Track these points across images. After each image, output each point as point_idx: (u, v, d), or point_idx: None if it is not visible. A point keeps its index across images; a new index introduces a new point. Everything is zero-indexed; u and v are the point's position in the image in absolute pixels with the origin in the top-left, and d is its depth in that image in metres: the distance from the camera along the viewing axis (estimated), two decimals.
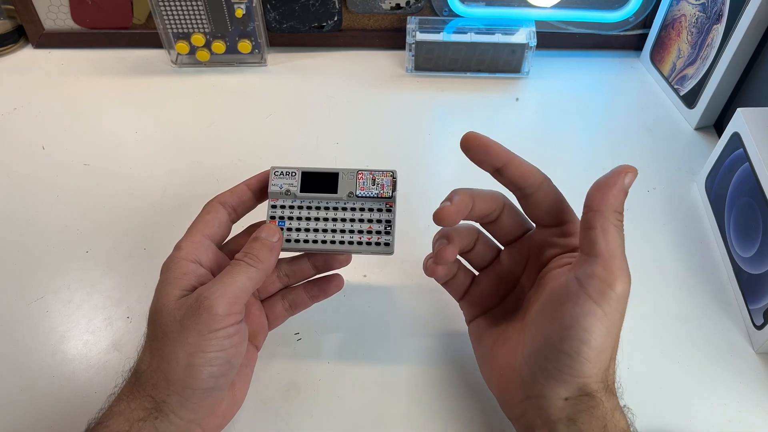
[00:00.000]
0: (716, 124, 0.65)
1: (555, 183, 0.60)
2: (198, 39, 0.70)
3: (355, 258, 0.49)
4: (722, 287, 0.48)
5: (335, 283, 0.42)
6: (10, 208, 0.55)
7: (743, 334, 0.45)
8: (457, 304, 0.41)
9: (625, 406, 0.33)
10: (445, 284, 0.40)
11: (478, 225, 0.39)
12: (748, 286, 0.46)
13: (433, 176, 0.59)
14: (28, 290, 0.47)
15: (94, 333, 0.44)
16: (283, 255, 0.39)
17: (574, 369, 0.30)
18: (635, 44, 0.75)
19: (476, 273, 0.40)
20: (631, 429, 0.32)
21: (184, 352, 0.31)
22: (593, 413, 0.31)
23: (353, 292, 0.47)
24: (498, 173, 0.35)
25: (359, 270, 0.49)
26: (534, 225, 0.38)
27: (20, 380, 0.41)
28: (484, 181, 0.59)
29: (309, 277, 0.42)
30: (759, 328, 0.44)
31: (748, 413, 0.40)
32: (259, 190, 0.39)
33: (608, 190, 0.32)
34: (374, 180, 0.38)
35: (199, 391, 0.32)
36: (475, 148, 0.35)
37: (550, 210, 0.35)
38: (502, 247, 0.40)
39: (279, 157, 0.60)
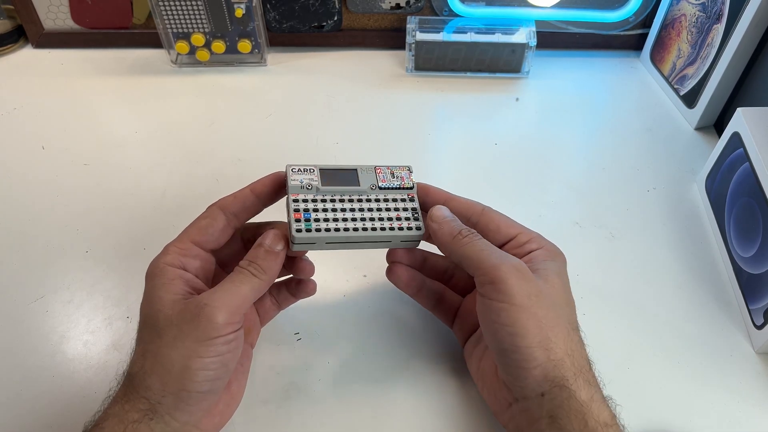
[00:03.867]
0: (716, 124, 0.65)
1: (554, 183, 0.60)
2: (198, 39, 0.70)
3: (355, 258, 0.49)
4: (722, 287, 0.48)
5: (304, 289, 0.42)
6: (10, 208, 0.55)
7: (743, 334, 0.45)
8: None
9: (608, 397, 0.34)
10: (433, 310, 0.43)
11: None
12: (748, 286, 0.46)
13: (433, 176, 0.59)
14: (28, 290, 0.47)
15: (94, 333, 0.44)
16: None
17: (525, 360, 0.32)
18: (635, 44, 0.75)
19: (462, 297, 0.43)
20: (617, 420, 0.33)
21: (180, 356, 0.32)
22: (570, 406, 0.32)
23: (353, 292, 0.47)
24: None
25: (359, 270, 0.49)
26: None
27: (20, 380, 0.41)
28: (483, 182, 0.59)
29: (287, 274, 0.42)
30: (759, 328, 0.44)
31: (748, 413, 0.40)
32: (266, 195, 0.38)
33: (438, 227, 0.37)
34: (393, 173, 0.39)
35: (195, 393, 0.32)
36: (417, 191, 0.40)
37: (497, 229, 0.38)
38: None
39: (279, 157, 0.60)
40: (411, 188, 0.39)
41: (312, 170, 0.38)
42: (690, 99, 0.65)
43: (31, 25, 0.74)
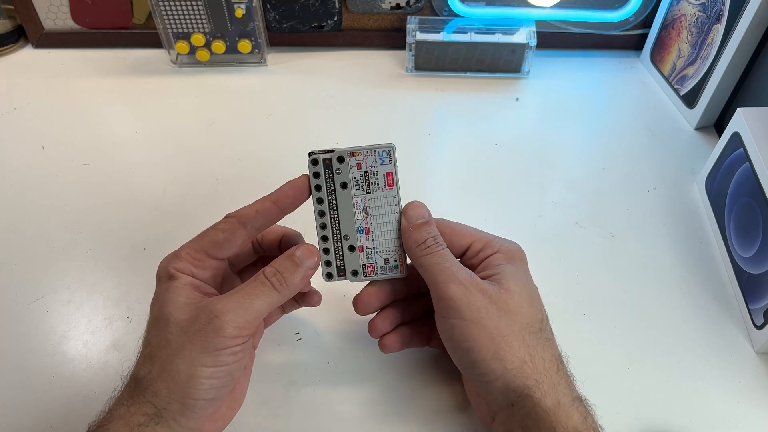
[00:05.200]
0: (716, 124, 0.65)
1: (554, 183, 0.60)
2: (198, 39, 0.70)
3: None
4: (722, 287, 0.48)
5: (308, 300, 0.41)
6: (10, 208, 0.55)
7: (743, 334, 0.45)
8: None
9: (580, 397, 0.33)
10: (430, 345, 0.42)
11: None
12: (748, 286, 0.46)
13: (432, 176, 0.59)
14: (28, 290, 0.47)
15: (94, 333, 0.44)
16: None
17: (484, 374, 0.33)
18: (635, 44, 0.75)
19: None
20: (589, 421, 0.32)
21: (186, 365, 0.32)
22: (538, 415, 0.32)
23: (354, 292, 0.47)
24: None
25: None
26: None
27: (20, 380, 0.41)
28: (483, 182, 0.59)
29: None
30: (759, 328, 0.44)
31: (748, 413, 0.40)
32: (291, 206, 0.36)
33: (407, 227, 0.36)
34: None
35: (200, 401, 0.32)
36: None
37: (450, 244, 0.37)
38: None
39: (279, 157, 0.60)
40: None
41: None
42: (690, 99, 0.65)
43: (31, 25, 0.74)
